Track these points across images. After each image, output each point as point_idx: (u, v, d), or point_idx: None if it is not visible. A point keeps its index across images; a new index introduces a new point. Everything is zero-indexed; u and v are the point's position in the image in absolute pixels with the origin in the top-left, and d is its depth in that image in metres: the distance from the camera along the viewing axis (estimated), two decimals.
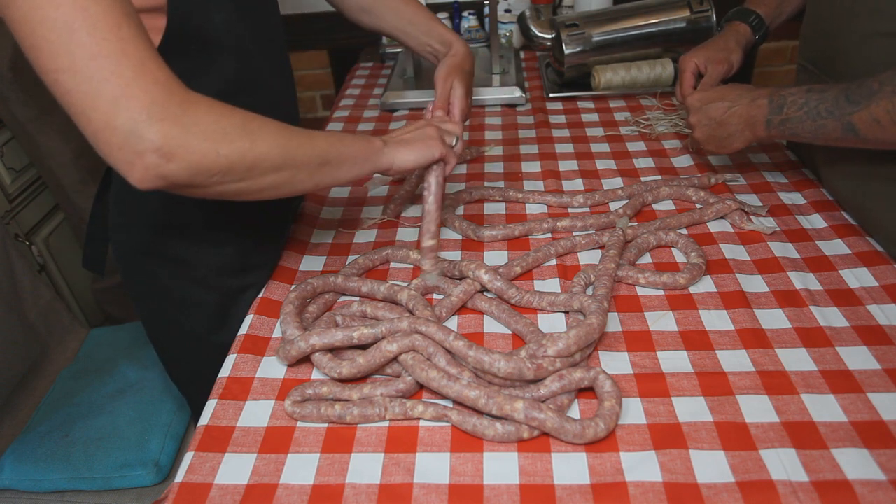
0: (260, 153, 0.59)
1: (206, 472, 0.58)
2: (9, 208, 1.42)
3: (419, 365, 0.63)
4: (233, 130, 0.57)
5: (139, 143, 0.51)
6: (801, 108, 0.76)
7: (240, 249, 0.81)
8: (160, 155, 0.53)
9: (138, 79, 0.51)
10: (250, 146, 0.58)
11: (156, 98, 0.52)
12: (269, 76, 0.78)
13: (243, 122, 0.59)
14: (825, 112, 0.73)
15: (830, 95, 0.74)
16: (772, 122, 0.79)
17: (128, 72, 0.51)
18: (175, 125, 0.53)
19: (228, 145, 0.57)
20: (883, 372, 0.62)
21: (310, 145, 0.65)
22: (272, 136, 0.61)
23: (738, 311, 0.71)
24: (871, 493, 0.51)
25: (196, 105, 0.55)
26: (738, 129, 0.84)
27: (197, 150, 0.54)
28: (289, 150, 0.62)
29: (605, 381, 0.60)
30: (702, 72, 1.01)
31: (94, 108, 0.51)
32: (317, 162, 0.65)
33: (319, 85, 2.07)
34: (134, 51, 0.51)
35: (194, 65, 0.69)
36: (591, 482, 0.54)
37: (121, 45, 0.50)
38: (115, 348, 1.27)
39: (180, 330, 0.84)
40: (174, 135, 0.53)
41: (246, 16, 0.72)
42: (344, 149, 0.69)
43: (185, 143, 0.54)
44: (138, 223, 0.78)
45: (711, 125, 0.86)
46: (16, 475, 1.03)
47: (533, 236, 0.87)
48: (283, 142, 0.62)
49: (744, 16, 1.04)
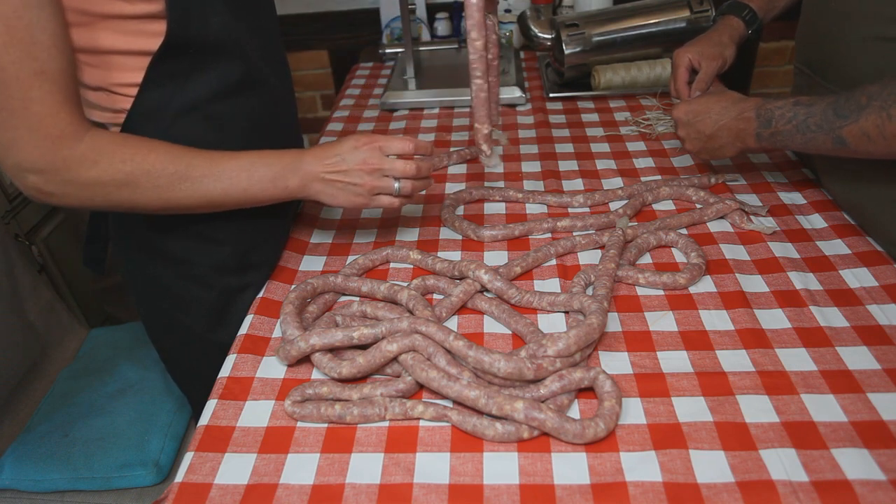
0: (137, 204, 0.67)
1: (206, 472, 0.58)
2: (9, 208, 1.42)
3: (419, 365, 0.63)
4: (112, 185, 0.64)
5: (22, 181, 0.63)
6: (789, 121, 0.75)
7: (239, 249, 0.81)
8: (39, 193, 0.64)
9: (31, 134, 0.60)
10: (129, 197, 0.66)
11: (43, 153, 0.61)
12: (267, 77, 0.78)
13: (126, 178, 0.64)
14: (814, 126, 0.73)
15: (818, 109, 0.73)
16: (762, 136, 0.79)
17: (24, 127, 0.59)
18: (54, 178, 0.62)
19: (104, 197, 0.65)
20: (883, 372, 0.62)
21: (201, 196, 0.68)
22: (154, 190, 0.66)
23: (738, 311, 0.71)
24: (871, 493, 0.51)
25: (80, 161, 0.62)
26: (728, 140, 0.84)
27: (72, 197, 0.65)
28: (171, 202, 0.68)
29: (605, 381, 0.60)
30: (696, 67, 1.01)
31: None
32: (207, 206, 0.71)
33: (319, 85, 2.07)
34: (38, 110, 0.59)
35: (193, 67, 0.69)
36: (591, 482, 0.54)
37: (24, 104, 0.58)
38: (115, 348, 1.27)
39: (180, 328, 0.84)
40: (51, 185, 0.63)
41: (243, 18, 0.72)
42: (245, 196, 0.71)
43: (61, 193, 0.64)
44: (138, 222, 0.78)
45: (701, 138, 0.87)
46: (16, 475, 1.03)
47: (533, 236, 0.87)
48: (165, 195, 0.67)
49: (737, 10, 1.04)
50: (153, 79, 0.67)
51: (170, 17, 0.64)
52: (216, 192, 0.69)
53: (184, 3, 0.65)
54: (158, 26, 0.65)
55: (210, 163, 0.68)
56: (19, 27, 0.56)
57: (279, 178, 0.72)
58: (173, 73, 0.68)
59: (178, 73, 0.69)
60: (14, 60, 0.57)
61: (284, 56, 0.85)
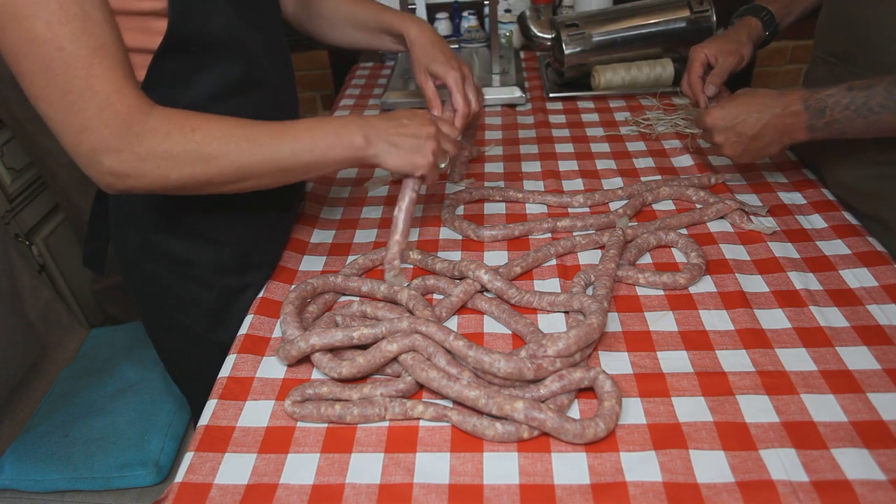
0: (211, 175, 0.65)
1: (206, 472, 0.58)
2: (9, 208, 1.42)
3: (419, 365, 0.63)
4: (186, 157, 0.63)
5: (98, 167, 0.61)
6: (846, 108, 0.74)
7: (240, 249, 0.81)
8: (116, 178, 0.62)
9: (100, 114, 0.58)
10: (201, 169, 0.64)
11: (115, 131, 0.59)
12: (270, 76, 0.78)
13: (199, 147, 0.63)
14: (878, 107, 0.72)
15: (880, 90, 0.72)
16: (815, 126, 0.78)
17: (92, 107, 0.58)
18: (129, 155, 0.61)
19: (179, 171, 0.63)
20: (883, 372, 0.62)
21: (271, 159, 0.67)
22: (228, 157, 0.65)
23: (738, 311, 0.71)
24: (871, 493, 0.51)
25: (152, 135, 0.61)
26: (774, 138, 0.81)
27: (148, 176, 0.63)
28: (244, 168, 0.66)
29: (605, 381, 0.60)
30: (712, 63, 1.00)
31: (63, 134, 0.60)
32: (279, 172, 0.69)
33: (319, 85, 2.08)
34: (102, 87, 0.58)
35: (195, 66, 0.69)
36: (591, 482, 0.54)
37: (89, 83, 0.57)
38: (115, 348, 1.27)
39: (180, 328, 0.84)
40: (128, 163, 0.61)
41: (246, 17, 0.72)
42: (313, 158, 0.69)
43: (138, 170, 0.62)
44: (139, 221, 0.78)
45: (743, 140, 0.83)
46: (16, 475, 1.03)
47: (533, 236, 0.87)
48: (239, 161, 0.65)
49: (755, 11, 1.03)
50: (155, 78, 0.67)
51: (171, 12, 0.64)
52: (285, 154, 0.68)
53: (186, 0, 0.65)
54: (161, 24, 0.64)
55: (271, 127, 0.68)
56: (72, 5, 0.55)
57: (343, 133, 0.70)
58: (175, 71, 0.68)
59: (181, 72, 0.69)
60: (72, 38, 0.55)
61: (288, 55, 0.85)
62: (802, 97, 0.78)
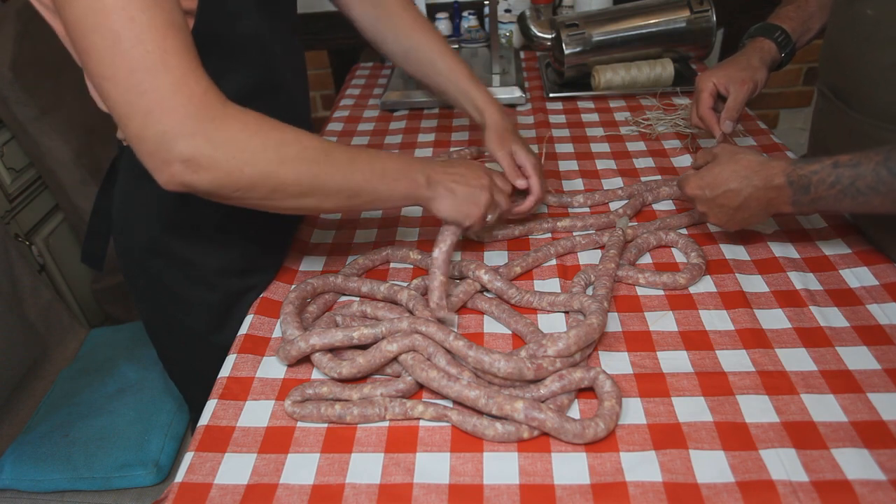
0: (286, 178, 0.60)
1: (206, 472, 0.58)
2: (9, 208, 1.42)
3: (419, 365, 0.63)
4: (263, 152, 0.58)
5: (168, 153, 0.54)
6: (832, 186, 0.67)
7: (245, 252, 0.81)
8: (187, 166, 0.55)
9: (176, 93, 0.53)
10: (277, 169, 0.59)
11: (190, 112, 0.53)
12: (288, 79, 0.78)
13: (278, 145, 0.59)
14: (866, 189, 0.66)
15: (867, 170, 0.65)
16: (800, 202, 0.71)
17: (165, 85, 0.52)
18: (205, 141, 0.55)
19: (254, 166, 0.57)
20: (883, 372, 0.62)
21: (344, 177, 0.63)
22: (305, 163, 0.61)
23: (738, 311, 0.71)
24: (871, 493, 0.51)
25: (230, 122, 0.56)
26: (759, 210, 0.74)
27: (223, 167, 0.56)
28: (319, 179, 0.62)
29: (605, 381, 0.60)
30: (722, 93, 0.91)
31: (129, 117, 0.53)
32: (347, 194, 0.65)
33: (319, 85, 2.07)
34: (176, 63, 0.53)
35: (216, 67, 0.68)
36: (591, 482, 0.54)
37: (163, 58, 0.52)
38: (115, 348, 1.27)
39: (180, 329, 0.84)
40: (202, 150, 0.55)
41: (268, 19, 0.72)
42: (382, 186, 0.67)
43: (212, 159, 0.55)
44: (144, 220, 0.77)
45: (726, 212, 0.76)
46: (16, 475, 1.03)
47: (533, 236, 0.87)
48: (315, 170, 0.61)
49: (768, 31, 0.93)
50: None
51: (199, 13, 0.62)
52: (357, 178, 0.64)
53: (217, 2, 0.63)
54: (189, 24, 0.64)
55: (341, 148, 0.65)
56: None
57: (409, 168, 0.69)
58: None
59: None
60: (143, 8, 0.51)
61: (304, 58, 0.85)
62: (786, 171, 0.70)
